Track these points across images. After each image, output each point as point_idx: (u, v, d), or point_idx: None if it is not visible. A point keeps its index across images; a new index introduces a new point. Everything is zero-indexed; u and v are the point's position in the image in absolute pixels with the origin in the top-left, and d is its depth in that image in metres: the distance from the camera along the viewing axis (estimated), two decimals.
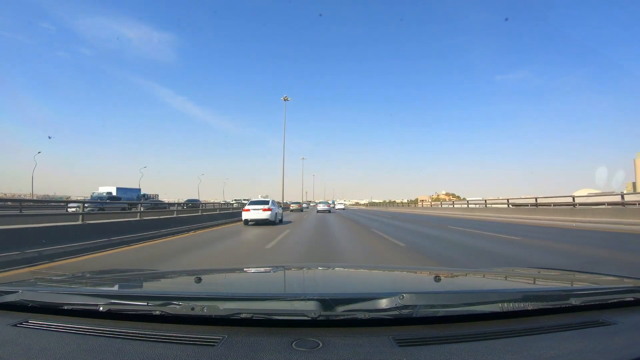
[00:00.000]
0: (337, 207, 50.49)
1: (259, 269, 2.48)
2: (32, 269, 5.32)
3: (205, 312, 0.91)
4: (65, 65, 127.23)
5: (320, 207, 35.84)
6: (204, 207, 21.43)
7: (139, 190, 29.35)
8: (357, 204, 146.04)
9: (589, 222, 13.10)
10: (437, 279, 1.54)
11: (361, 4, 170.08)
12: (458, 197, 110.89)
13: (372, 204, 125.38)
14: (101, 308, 0.97)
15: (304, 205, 51.26)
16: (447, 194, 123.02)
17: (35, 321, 0.96)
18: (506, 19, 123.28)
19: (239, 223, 15.71)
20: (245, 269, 2.30)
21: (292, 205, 42.15)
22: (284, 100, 45.69)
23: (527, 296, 1.04)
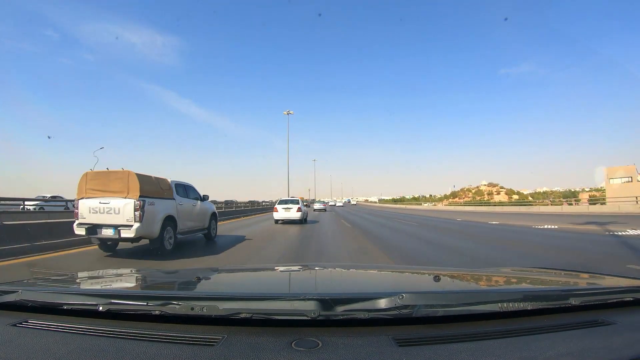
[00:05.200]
0: (331, 204, 63.03)
1: (258, 268, 2.48)
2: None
3: (205, 311, 0.91)
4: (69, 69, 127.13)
5: (316, 206, 41.01)
6: None
7: None
8: (366, 201, 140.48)
9: None
10: (436, 278, 1.54)
11: (361, 3, 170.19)
12: (505, 189, 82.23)
13: (394, 200, 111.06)
14: (101, 308, 0.97)
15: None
16: (490, 185, 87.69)
17: (34, 321, 0.96)
18: (505, 19, 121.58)
19: None
20: (244, 269, 2.30)
21: None
22: (287, 114, 43.39)
23: (527, 296, 1.04)
